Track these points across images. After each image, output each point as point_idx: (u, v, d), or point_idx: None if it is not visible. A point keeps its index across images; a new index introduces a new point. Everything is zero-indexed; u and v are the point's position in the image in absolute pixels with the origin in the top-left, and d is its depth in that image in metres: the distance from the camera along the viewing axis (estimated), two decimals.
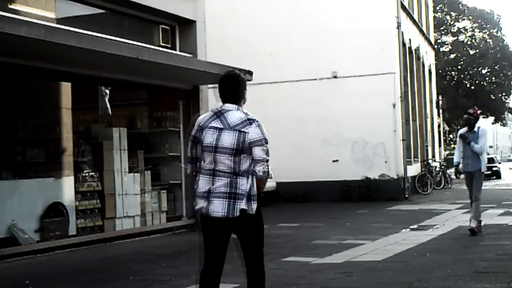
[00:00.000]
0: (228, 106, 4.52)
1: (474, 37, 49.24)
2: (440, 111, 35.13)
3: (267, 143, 4.48)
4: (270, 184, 20.28)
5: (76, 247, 10.23)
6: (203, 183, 4.47)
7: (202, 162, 4.50)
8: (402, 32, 22.28)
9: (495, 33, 48.94)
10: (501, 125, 58.54)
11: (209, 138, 4.43)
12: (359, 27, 20.82)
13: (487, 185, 31.75)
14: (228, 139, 4.40)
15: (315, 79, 21.46)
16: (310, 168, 20.91)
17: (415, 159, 24.66)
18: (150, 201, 12.36)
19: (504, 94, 50.08)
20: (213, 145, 4.41)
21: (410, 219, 13.96)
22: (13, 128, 11.01)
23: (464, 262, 7.78)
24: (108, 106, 12.54)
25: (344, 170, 20.60)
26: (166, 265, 8.48)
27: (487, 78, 48.26)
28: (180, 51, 13.16)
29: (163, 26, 12.85)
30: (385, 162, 20.60)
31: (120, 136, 11.80)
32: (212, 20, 15.53)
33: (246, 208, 4.41)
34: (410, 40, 24.63)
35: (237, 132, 4.40)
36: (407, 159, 21.84)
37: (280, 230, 12.58)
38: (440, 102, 34.63)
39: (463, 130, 10.92)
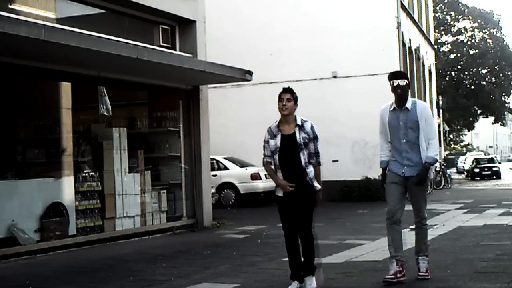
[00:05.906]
0: None
1: (474, 37, 49.24)
2: (440, 111, 35.12)
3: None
4: (269, 184, 20.25)
5: (76, 247, 10.22)
6: None
7: None
8: (402, 32, 22.28)
9: (495, 33, 48.94)
10: (501, 125, 58.47)
11: None
12: (359, 27, 20.83)
13: (487, 185, 31.80)
14: None
15: (315, 79, 21.45)
16: None
17: None
18: (150, 201, 12.35)
19: (504, 94, 50.08)
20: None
21: (410, 219, 13.90)
22: (13, 128, 11.01)
23: (464, 262, 7.76)
24: (108, 106, 12.53)
25: (344, 170, 20.56)
26: (166, 265, 8.46)
27: (487, 78, 48.23)
28: (180, 51, 13.15)
29: (163, 26, 12.84)
30: None
31: (120, 136, 11.79)
32: (212, 20, 15.51)
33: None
34: (410, 40, 24.62)
35: None
36: None
37: (280, 230, 12.51)
38: (440, 102, 34.64)
39: (387, 107, 6.75)
